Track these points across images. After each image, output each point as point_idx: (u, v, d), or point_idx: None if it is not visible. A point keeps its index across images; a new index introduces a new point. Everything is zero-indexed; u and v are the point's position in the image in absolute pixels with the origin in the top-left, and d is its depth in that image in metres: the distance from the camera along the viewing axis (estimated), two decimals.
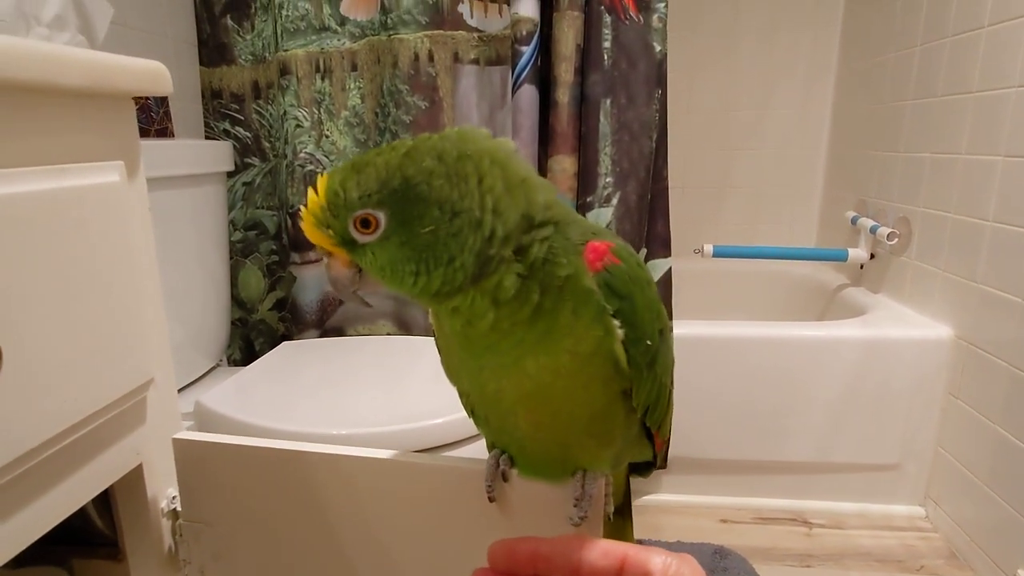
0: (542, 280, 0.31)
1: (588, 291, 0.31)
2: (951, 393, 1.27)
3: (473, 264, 0.30)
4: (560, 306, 0.31)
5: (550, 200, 0.32)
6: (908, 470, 1.34)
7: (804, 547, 1.25)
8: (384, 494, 0.38)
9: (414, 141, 0.31)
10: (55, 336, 0.31)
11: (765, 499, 1.38)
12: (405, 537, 0.39)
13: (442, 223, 0.30)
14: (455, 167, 0.30)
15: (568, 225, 0.32)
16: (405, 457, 0.37)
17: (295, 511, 0.39)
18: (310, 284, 1.35)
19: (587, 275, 0.31)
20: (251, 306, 1.43)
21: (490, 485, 0.36)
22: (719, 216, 1.97)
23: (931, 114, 1.36)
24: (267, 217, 1.40)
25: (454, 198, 0.29)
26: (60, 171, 0.31)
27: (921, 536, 1.28)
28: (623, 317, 0.31)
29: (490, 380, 0.33)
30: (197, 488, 0.40)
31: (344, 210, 0.31)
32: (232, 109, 1.33)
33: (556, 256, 0.31)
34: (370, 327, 1.40)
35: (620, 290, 0.31)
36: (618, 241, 0.34)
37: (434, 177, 0.30)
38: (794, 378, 1.33)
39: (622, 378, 0.32)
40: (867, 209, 1.62)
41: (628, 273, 0.32)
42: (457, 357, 0.35)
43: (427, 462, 0.37)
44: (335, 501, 0.39)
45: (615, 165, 1.21)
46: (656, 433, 0.38)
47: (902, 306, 1.43)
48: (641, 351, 0.32)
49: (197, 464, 0.40)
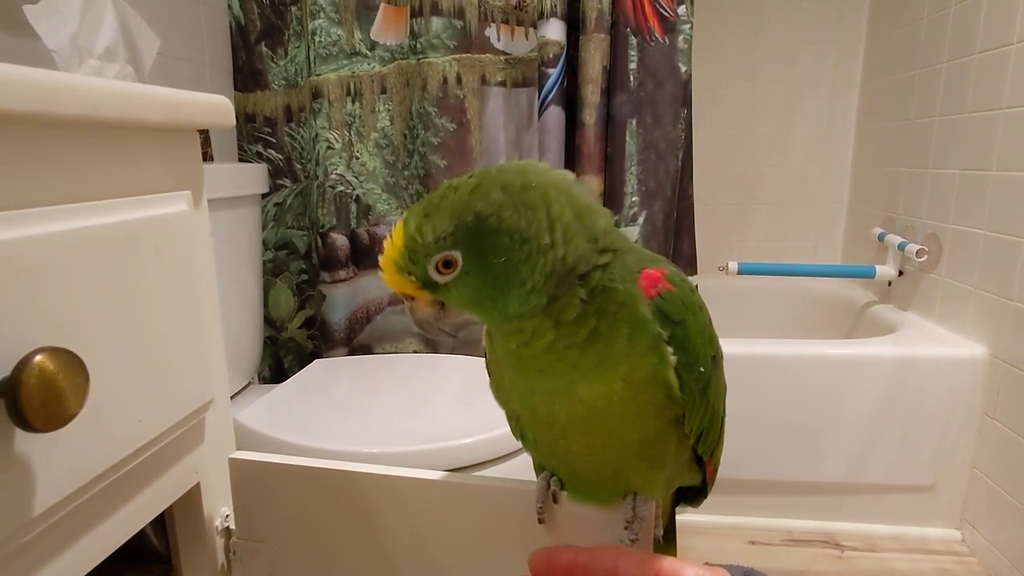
0: (600, 305, 0.31)
1: (643, 319, 0.32)
2: (987, 413, 1.25)
3: (548, 286, 0.31)
4: (615, 331, 0.31)
5: (608, 226, 0.33)
6: (943, 492, 1.31)
7: (836, 570, 1.23)
8: (435, 514, 0.39)
9: (477, 177, 0.32)
10: (130, 359, 0.33)
11: (795, 520, 1.36)
12: (455, 557, 0.39)
13: (513, 251, 0.30)
14: (521, 197, 0.31)
15: (626, 252, 0.33)
16: (456, 478, 0.38)
17: (347, 530, 0.40)
18: (339, 303, 1.37)
19: (642, 302, 0.32)
20: (280, 324, 1.46)
21: (540, 507, 0.36)
22: (743, 233, 1.96)
23: (960, 130, 1.35)
24: (298, 237, 1.43)
25: (522, 226, 0.30)
26: (139, 202, 0.33)
27: (958, 560, 1.24)
28: (676, 343, 0.32)
29: (542, 404, 0.34)
30: (252, 507, 0.41)
31: (423, 256, 0.31)
32: (265, 132, 1.37)
33: (614, 282, 0.32)
34: (397, 345, 1.41)
35: (673, 316, 0.32)
36: (671, 267, 0.34)
37: (503, 209, 0.30)
38: (824, 397, 1.32)
39: (675, 404, 0.32)
40: (894, 226, 1.60)
41: (681, 299, 0.32)
42: (509, 379, 0.36)
43: (477, 483, 0.38)
44: (386, 521, 0.40)
45: (641, 184, 1.22)
46: (708, 460, 0.38)
47: (933, 324, 1.41)
48: (694, 377, 0.32)
49: (252, 484, 0.41)
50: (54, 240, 0.29)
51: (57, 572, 0.32)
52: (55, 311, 0.29)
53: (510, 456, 0.82)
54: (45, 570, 0.31)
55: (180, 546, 0.42)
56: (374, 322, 1.40)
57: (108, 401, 0.32)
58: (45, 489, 0.29)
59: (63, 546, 0.32)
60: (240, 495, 0.41)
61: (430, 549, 0.39)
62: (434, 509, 0.39)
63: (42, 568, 0.31)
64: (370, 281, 1.38)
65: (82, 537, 0.33)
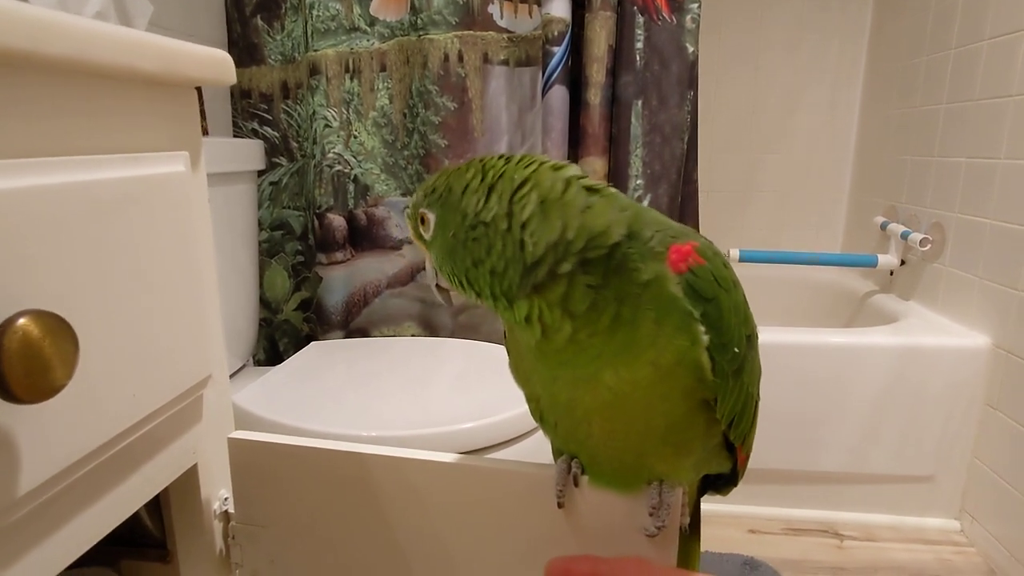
0: (619, 288, 0.29)
1: (672, 297, 0.30)
2: (988, 404, 1.24)
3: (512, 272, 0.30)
4: (641, 315, 0.29)
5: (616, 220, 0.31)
6: (942, 482, 1.30)
7: (835, 560, 1.22)
8: (446, 498, 0.37)
9: (483, 158, 0.34)
10: (123, 328, 0.30)
11: (795, 510, 1.35)
12: (468, 543, 0.37)
13: (462, 229, 0.32)
14: (494, 182, 0.32)
15: (644, 231, 0.31)
16: (469, 461, 0.36)
17: (354, 514, 0.38)
18: (336, 285, 1.35)
19: (670, 279, 0.30)
20: (276, 306, 1.43)
21: (561, 490, 0.34)
22: (744, 220, 1.95)
23: (967, 118, 1.33)
24: (294, 217, 1.40)
25: (479, 209, 0.31)
26: (133, 159, 0.31)
27: (957, 551, 1.24)
28: (708, 322, 0.30)
29: (563, 390, 0.32)
30: (252, 490, 0.39)
31: (414, 206, 0.35)
32: (261, 109, 1.33)
33: (633, 262, 0.30)
34: (395, 329, 1.39)
35: (705, 292, 0.30)
36: (702, 240, 0.32)
37: (469, 190, 0.32)
38: (826, 386, 1.31)
39: (706, 388, 0.30)
40: (897, 215, 1.59)
41: (713, 274, 0.30)
42: (528, 363, 0.34)
43: (493, 466, 0.36)
44: (395, 505, 0.38)
45: (646, 167, 1.19)
46: (739, 447, 0.36)
47: (935, 314, 1.40)
48: (728, 359, 0.30)
49: (252, 465, 0.39)
50: (41, 193, 0.26)
51: (45, 556, 0.29)
52: (41, 271, 0.26)
53: (511, 442, 0.80)
54: (33, 553, 0.29)
55: (176, 530, 0.39)
56: (372, 305, 1.38)
57: (100, 372, 0.29)
58: (31, 467, 0.27)
59: (52, 528, 0.30)
60: (240, 477, 0.39)
61: (442, 535, 0.37)
62: (447, 493, 0.37)
63: (29, 551, 0.29)
64: (368, 264, 1.36)
65: (72, 519, 0.31)
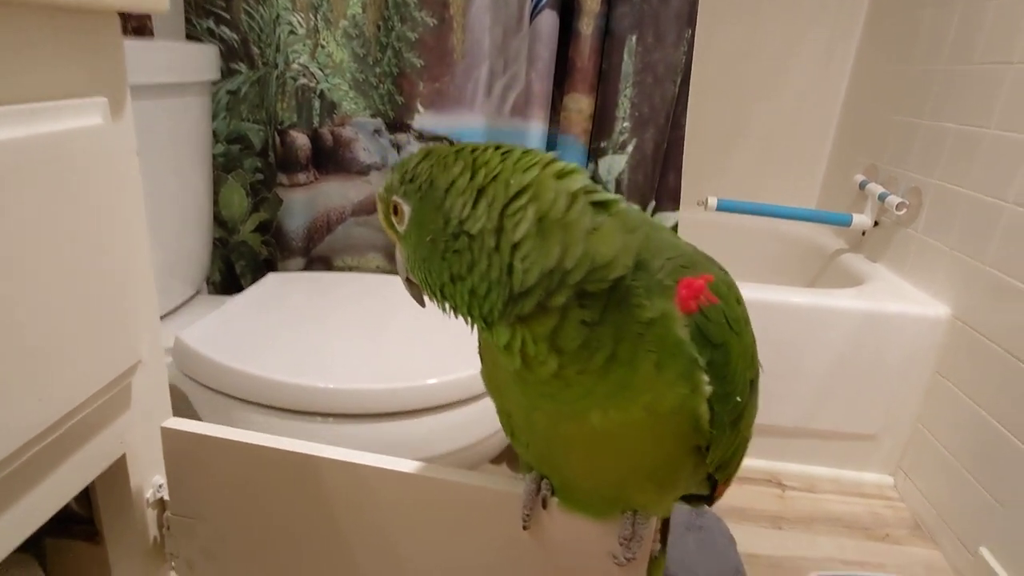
0: (618, 325, 0.25)
1: (677, 341, 0.26)
2: (938, 372, 1.28)
3: (494, 296, 0.25)
4: (640, 356, 0.26)
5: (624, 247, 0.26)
6: (884, 441, 1.36)
7: (776, 509, 1.28)
8: (404, 507, 0.34)
9: (475, 145, 0.28)
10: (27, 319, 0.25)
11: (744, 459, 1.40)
12: (422, 556, 0.35)
13: (441, 237, 0.26)
14: (485, 184, 0.26)
15: (653, 260, 0.26)
16: (431, 471, 0.33)
17: (297, 514, 0.35)
18: (297, 209, 1.27)
19: (677, 320, 0.26)
20: (232, 226, 1.35)
21: (527, 514, 0.32)
22: (725, 167, 1.90)
23: (964, 82, 1.29)
24: (253, 131, 1.29)
25: (464, 216, 0.26)
26: (29, 113, 0.24)
27: (888, 505, 1.31)
28: (714, 370, 0.26)
29: (542, 420, 0.29)
30: (188, 480, 0.36)
31: (387, 192, 0.30)
32: (218, 6, 1.20)
33: (637, 297, 0.25)
34: (359, 259, 1.34)
35: (714, 337, 0.26)
36: (715, 270, 0.28)
37: (454, 188, 0.26)
38: (786, 344, 1.32)
39: (700, 436, 0.28)
40: (878, 174, 1.57)
41: (726, 313, 0.27)
42: (503, 380, 0.31)
43: (456, 479, 0.33)
44: (346, 508, 0.35)
45: (634, 109, 1.13)
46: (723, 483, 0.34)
47: (901, 279, 1.41)
48: (728, 409, 0.27)
49: (188, 456, 0.35)
50: None
51: None
52: None
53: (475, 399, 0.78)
54: None
55: (104, 519, 0.36)
56: (335, 233, 1.32)
57: (8, 368, 0.24)
58: None
59: None
60: (174, 467, 0.36)
61: (396, 544, 0.35)
62: (403, 501, 0.34)
63: None
64: (332, 187, 1.28)
65: None
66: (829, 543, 1.20)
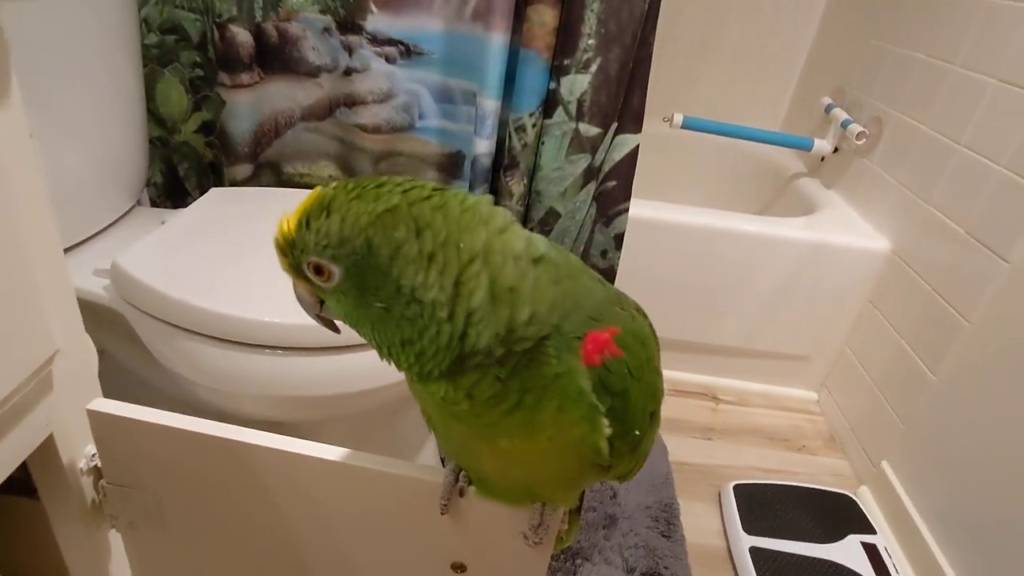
0: (525, 378, 0.26)
1: (579, 391, 0.27)
2: (870, 300, 1.35)
3: (442, 358, 0.26)
4: (544, 403, 0.27)
5: (551, 304, 0.26)
6: (814, 362, 1.46)
7: (708, 421, 1.38)
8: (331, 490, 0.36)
9: (403, 196, 0.25)
10: None
11: (683, 373, 1.48)
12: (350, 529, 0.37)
13: (396, 304, 0.25)
14: (435, 250, 0.25)
15: (569, 316, 0.27)
16: (357, 460, 0.35)
17: (231, 489, 0.37)
18: (242, 111, 1.20)
19: (581, 373, 0.27)
20: (172, 125, 1.27)
21: (445, 503, 0.34)
22: (692, 83, 1.85)
23: (938, 9, 1.26)
24: (189, 21, 1.19)
25: (417, 284, 0.25)
26: None
27: (809, 419, 1.43)
28: (614, 414, 0.28)
29: (458, 435, 0.30)
30: (119, 456, 0.37)
31: (299, 251, 0.27)
32: None
33: (547, 356, 0.26)
34: (311, 166, 1.29)
35: (614, 387, 0.27)
36: (625, 318, 0.29)
37: (401, 255, 0.25)
38: (734, 269, 1.37)
39: (602, 459, 0.30)
40: (844, 99, 1.56)
41: (628, 364, 0.28)
42: (422, 396, 0.32)
43: (380, 469, 0.34)
44: (276, 487, 0.37)
45: (601, 25, 1.07)
46: None
47: (851, 209, 1.45)
48: (628, 442, 0.29)
49: (117, 437, 0.36)
50: None
51: None
52: None
53: None
54: None
55: (40, 487, 0.37)
56: (284, 137, 1.26)
57: None
58: None
59: None
60: (105, 444, 0.36)
61: (327, 521, 0.37)
62: (329, 485, 0.36)
63: None
64: (279, 89, 1.21)
65: None
66: (753, 453, 1.32)
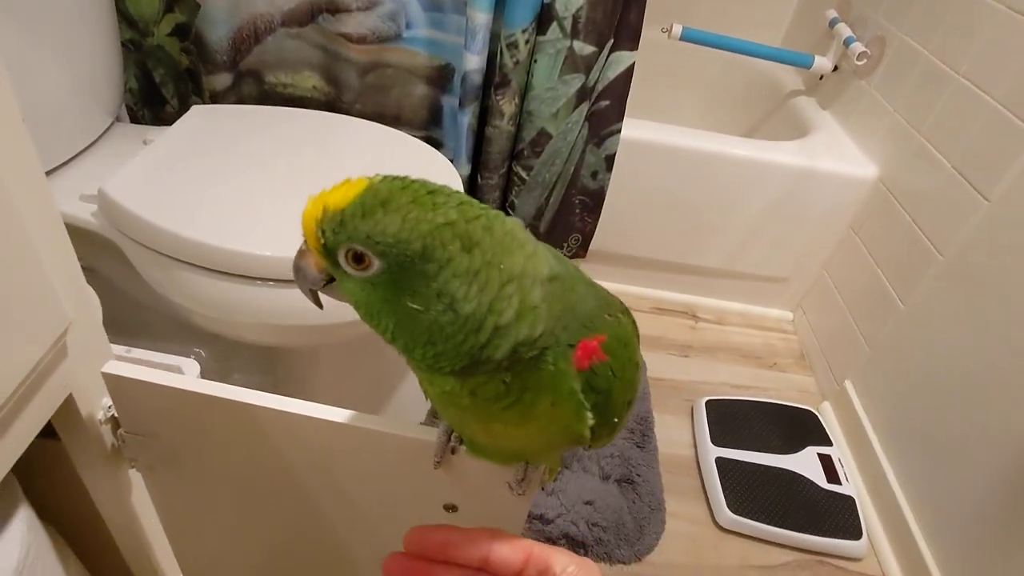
0: (525, 379, 0.29)
1: (570, 391, 0.30)
2: (851, 227, 1.37)
3: (458, 360, 0.28)
4: (538, 400, 0.30)
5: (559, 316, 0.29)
6: (792, 283, 1.50)
7: (687, 339, 1.44)
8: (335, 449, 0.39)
9: (459, 212, 0.27)
10: None
11: (665, 292, 1.53)
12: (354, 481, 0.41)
13: (432, 310, 0.27)
14: (481, 268, 0.26)
15: (568, 326, 0.29)
16: (358, 420, 0.38)
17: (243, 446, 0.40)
18: (218, 16, 1.13)
19: (572, 376, 0.29)
20: (144, 27, 1.20)
21: (438, 461, 0.38)
22: None
23: None
24: None
25: (458, 296, 0.26)
26: None
27: (782, 337, 1.50)
28: (597, 409, 0.31)
29: (450, 408, 0.33)
30: (135, 412, 0.39)
31: (344, 235, 0.27)
32: None
33: (546, 362, 0.29)
34: (294, 76, 1.24)
35: (600, 387, 0.31)
36: (612, 325, 0.31)
37: (451, 267, 0.26)
38: (722, 192, 1.37)
39: (584, 441, 0.33)
40: (850, 13, 1.50)
41: (612, 367, 0.31)
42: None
43: (378, 429, 0.38)
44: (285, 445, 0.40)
45: None
46: None
47: (843, 132, 1.44)
48: (607, 428, 0.32)
49: (132, 397, 0.38)
50: None
51: None
52: None
53: None
54: None
55: (62, 435, 0.40)
56: (264, 44, 1.20)
57: None
58: None
59: None
60: (120, 402, 0.39)
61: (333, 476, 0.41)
62: (332, 444, 0.39)
63: None
64: None
65: None
66: (726, 370, 1.39)
